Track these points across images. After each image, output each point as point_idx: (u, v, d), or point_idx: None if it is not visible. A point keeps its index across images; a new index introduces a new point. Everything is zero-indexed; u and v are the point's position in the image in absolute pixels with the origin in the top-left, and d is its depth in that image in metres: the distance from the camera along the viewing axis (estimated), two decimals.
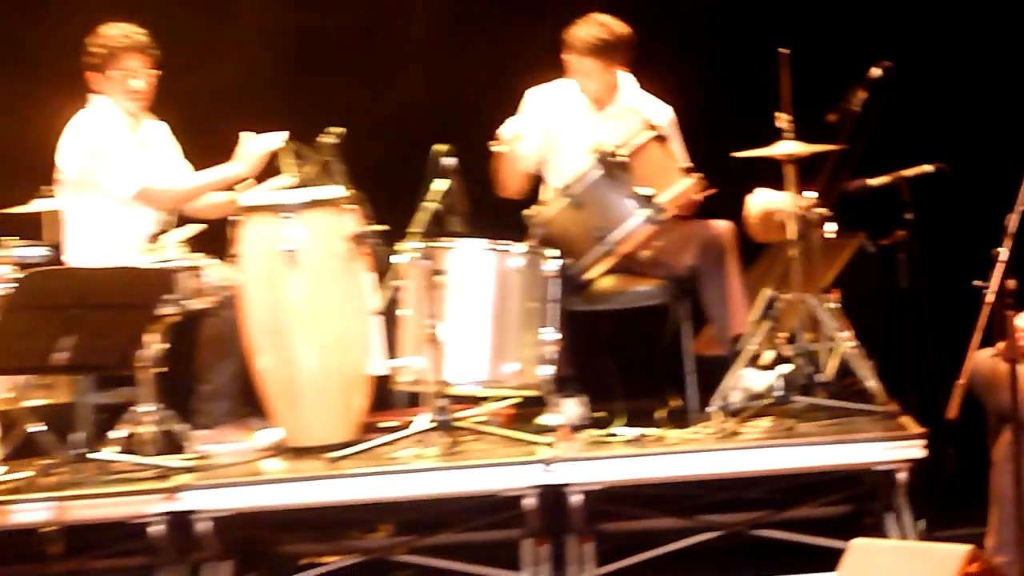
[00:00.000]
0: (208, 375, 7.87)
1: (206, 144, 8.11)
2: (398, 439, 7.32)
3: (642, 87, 8.05)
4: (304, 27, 9.20)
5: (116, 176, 7.61)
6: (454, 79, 9.08)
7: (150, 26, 7.96)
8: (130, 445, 7.36)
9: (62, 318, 6.42)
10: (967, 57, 8.71)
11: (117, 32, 7.70)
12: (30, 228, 8.02)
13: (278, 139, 7.64)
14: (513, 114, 8.11)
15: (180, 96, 8.23)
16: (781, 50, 7.22)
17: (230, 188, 7.79)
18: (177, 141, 8.05)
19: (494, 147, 8.03)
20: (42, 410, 7.57)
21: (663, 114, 7.82)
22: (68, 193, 7.71)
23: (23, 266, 7.39)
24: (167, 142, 7.93)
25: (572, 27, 7.86)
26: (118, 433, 7.36)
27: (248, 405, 7.90)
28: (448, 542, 7.33)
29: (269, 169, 7.80)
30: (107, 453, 7.29)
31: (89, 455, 7.25)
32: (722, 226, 7.72)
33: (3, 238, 7.67)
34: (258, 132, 7.78)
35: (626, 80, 7.97)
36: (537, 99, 8.03)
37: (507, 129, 7.90)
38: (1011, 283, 5.60)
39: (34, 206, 7.92)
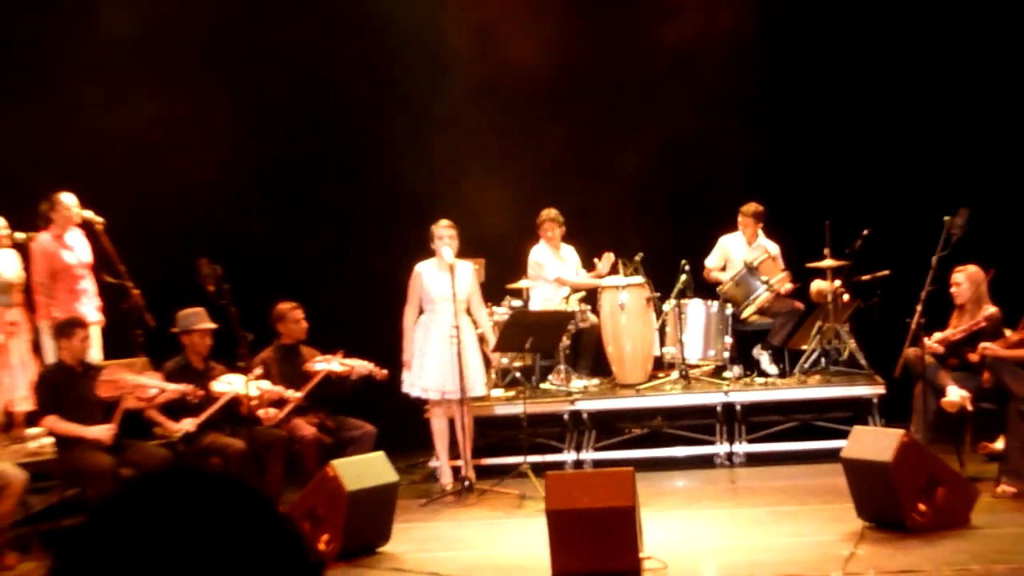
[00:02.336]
0: (582, 355, 9.33)
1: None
2: (663, 380, 8.79)
3: (766, 234, 9.39)
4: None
5: (549, 272, 9.18)
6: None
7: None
8: (566, 382, 8.88)
9: (528, 328, 7.81)
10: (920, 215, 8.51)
11: (544, 214, 9.20)
12: (515, 293, 9.41)
13: (610, 260, 9.03)
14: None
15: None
16: (826, 222, 8.69)
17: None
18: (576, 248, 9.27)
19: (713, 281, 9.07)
20: (520, 368, 9.14)
21: (774, 247, 9.32)
22: (530, 278, 9.23)
23: (512, 309, 9.05)
24: (573, 256, 9.37)
25: (742, 207, 9.24)
26: (550, 377, 9.02)
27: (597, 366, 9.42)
28: (684, 424, 8.84)
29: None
30: (546, 384, 8.97)
31: (540, 385, 9.07)
32: (794, 300, 9.17)
33: (508, 297, 9.15)
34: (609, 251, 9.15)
35: (759, 231, 9.39)
36: (726, 241, 9.50)
37: (721, 278, 9.08)
38: (923, 321, 7.11)
39: (520, 284, 9.29)
